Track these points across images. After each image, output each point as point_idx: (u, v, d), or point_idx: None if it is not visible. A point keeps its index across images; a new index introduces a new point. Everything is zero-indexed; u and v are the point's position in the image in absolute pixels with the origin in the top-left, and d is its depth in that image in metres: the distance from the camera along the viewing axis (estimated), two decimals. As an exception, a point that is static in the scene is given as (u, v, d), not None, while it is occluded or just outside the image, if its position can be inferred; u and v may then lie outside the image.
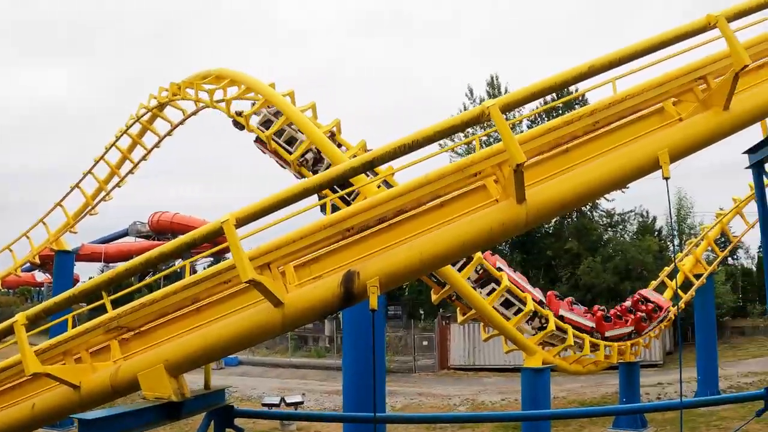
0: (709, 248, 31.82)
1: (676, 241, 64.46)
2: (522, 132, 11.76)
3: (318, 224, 8.68)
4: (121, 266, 9.21)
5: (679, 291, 28.43)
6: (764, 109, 10.06)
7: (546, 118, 41.70)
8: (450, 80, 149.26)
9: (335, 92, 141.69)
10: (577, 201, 9.11)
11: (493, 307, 17.76)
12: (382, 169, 12.74)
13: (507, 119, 8.05)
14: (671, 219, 55.56)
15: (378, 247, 8.87)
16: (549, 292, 23.15)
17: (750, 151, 12.47)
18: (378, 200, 8.62)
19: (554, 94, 42.09)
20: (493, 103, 7.91)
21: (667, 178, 8.91)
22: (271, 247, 8.62)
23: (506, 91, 59.59)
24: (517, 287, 19.18)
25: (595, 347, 23.77)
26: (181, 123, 24.48)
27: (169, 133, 25.59)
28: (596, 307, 25.98)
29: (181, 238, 8.78)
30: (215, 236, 8.36)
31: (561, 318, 21.78)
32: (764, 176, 12.51)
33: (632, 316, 26.27)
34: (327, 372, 48.83)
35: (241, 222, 8.23)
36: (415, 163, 8.76)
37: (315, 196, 9.55)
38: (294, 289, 8.81)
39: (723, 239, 36.35)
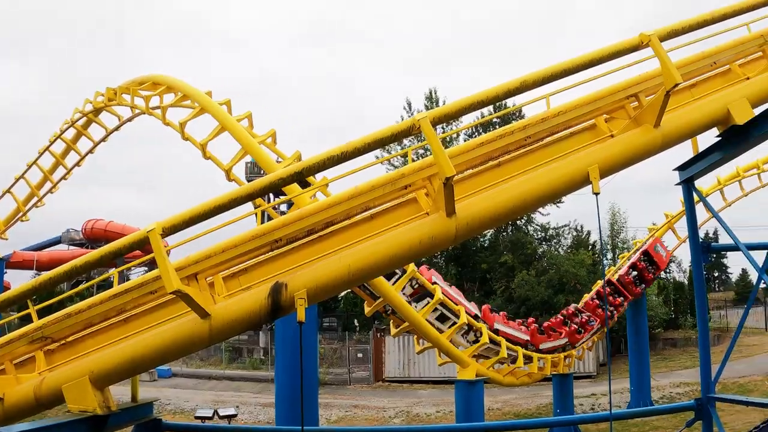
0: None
1: (609, 255, 65.52)
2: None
3: (246, 235, 8.52)
4: (45, 275, 8.90)
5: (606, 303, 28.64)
6: (694, 127, 10.23)
7: (483, 132, 42.03)
8: (396, 91, 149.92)
9: (277, 101, 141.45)
10: (508, 215, 9.11)
11: (427, 320, 17.70)
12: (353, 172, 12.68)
13: (445, 132, 7.96)
14: (601, 234, 56.42)
15: (307, 258, 8.74)
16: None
17: (680, 168, 12.65)
18: (306, 212, 8.49)
19: (491, 108, 42.64)
20: (424, 116, 7.86)
21: (597, 194, 8.96)
22: (198, 257, 8.42)
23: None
24: (451, 300, 19.17)
25: (528, 359, 23.89)
26: (116, 129, 23.89)
27: (104, 139, 24.96)
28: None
29: (106, 247, 8.53)
30: (141, 245, 8.11)
31: (496, 331, 21.84)
32: (694, 193, 12.66)
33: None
34: (262, 384, 48.30)
35: (168, 231, 8.00)
36: (348, 174, 8.68)
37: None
38: (222, 301, 8.58)
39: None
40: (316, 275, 8.42)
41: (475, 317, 20.65)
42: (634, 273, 28.31)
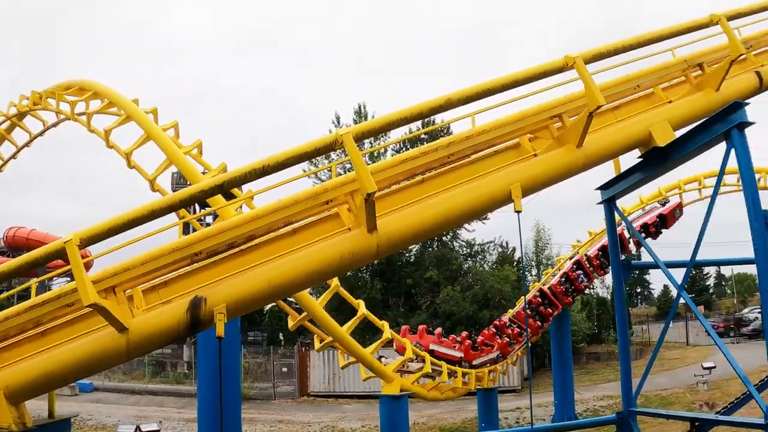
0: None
1: (534, 272, 66.10)
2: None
3: (166, 248, 8.34)
4: (-43, 285, 8.56)
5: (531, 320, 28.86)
6: (616, 148, 10.38)
7: (411, 147, 42.10)
8: (333, 103, 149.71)
9: (212, 111, 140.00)
10: (430, 231, 9.10)
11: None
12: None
13: (373, 146, 7.88)
14: (522, 251, 57.09)
15: (228, 272, 8.59)
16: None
17: (602, 188, 12.81)
18: (227, 225, 8.36)
19: (420, 123, 42.78)
20: (346, 131, 7.82)
21: (518, 212, 9.02)
22: (117, 269, 8.20)
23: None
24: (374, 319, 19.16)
25: (453, 374, 23.83)
26: (41, 134, 23.21)
27: (27, 144, 24.21)
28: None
29: (23, 257, 8.25)
30: (58, 256, 7.85)
31: (431, 352, 21.81)
32: (615, 212, 12.82)
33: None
34: (186, 399, 46.89)
35: (86, 242, 7.80)
36: (275, 186, 8.56)
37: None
38: (141, 314, 8.38)
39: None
40: (236, 290, 8.30)
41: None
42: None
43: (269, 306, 44.08)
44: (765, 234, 9.98)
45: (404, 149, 46.35)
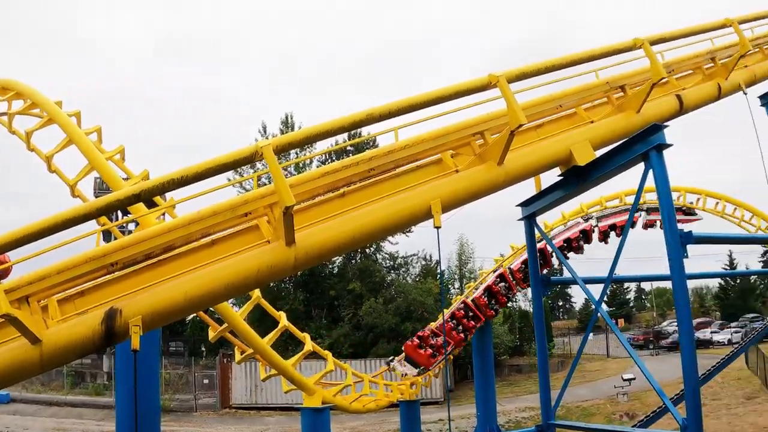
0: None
1: (457, 285, 66.67)
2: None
3: (81, 257, 8.11)
4: None
5: (454, 333, 28.96)
6: (537, 166, 10.52)
7: (337, 159, 42.05)
8: (264, 112, 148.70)
9: (139, 115, 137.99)
10: (349, 245, 9.07)
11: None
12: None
13: (299, 157, 7.75)
14: (440, 267, 57.37)
15: (145, 283, 8.43)
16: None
17: (523, 204, 12.92)
18: (144, 236, 8.20)
19: (346, 136, 42.75)
20: (266, 143, 7.73)
21: (438, 227, 9.01)
22: (30, 278, 7.93)
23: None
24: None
25: (374, 386, 23.82)
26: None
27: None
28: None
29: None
30: (-31, 263, 7.56)
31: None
32: (535, 228, 12.92)
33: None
34: (105, 410, 45.54)
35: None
36: (198, 195, 8.36)
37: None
38: (55, 325, 8.14)
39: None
40: (151, 302, 8.13)
41: None
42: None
43: (191, 316, 43.39)
44: (680, 251, 10.24)
45: (330, 161, 46.39)
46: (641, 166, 11.16)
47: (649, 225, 29.70)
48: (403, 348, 26.29)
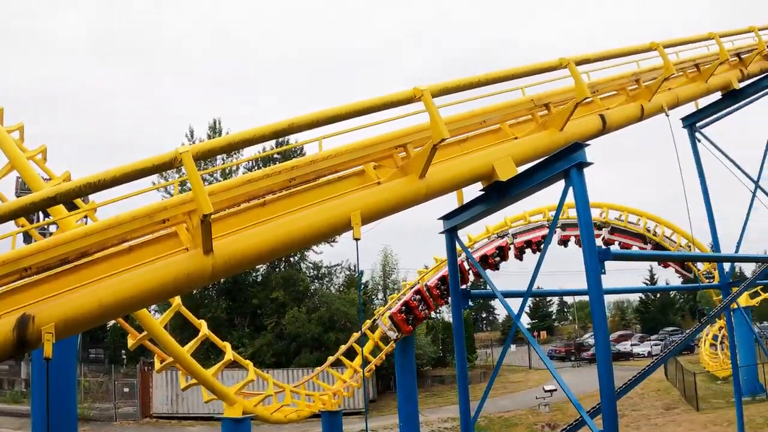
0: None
1: (380, 295, 66.75)
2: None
3: (-9, 261, 7.77)
4: None
5: (379, 342, 29.06)
6: (459, 180, 10.64)
7: (264, 166, 41.78)
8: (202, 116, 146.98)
9: (73, 114, 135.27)
10: (268, 255, 9.04)
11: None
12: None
13: (225, 163, 7.62)
14: (359, 278, 57.47)
15: (59, 289, 8.18)
16: None
17: (444, 218, 12.98)
18: (59, 240, 8.05)
19: (274, 144, 42.56)
20: (186, 150, 7.64)
21: (357, 239, 9.04)
22: (-61, 282, 7.67)
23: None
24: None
25: (296, 396, 23.70)
26: None
27: None
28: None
29: None
30: None
31: None
32: (456, 242, 12.98)
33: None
34: (24, 419, 43.76)
35: None
36: (120, 199, 8.23)
37: None
38: (-35, 332, 7.80)
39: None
40: (66, 308, 7.94)
41: None
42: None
43: (112, 322, 42.48)
44: (598, 267, 10.35)
45: (257, 168, 46.02)
46: (563, 182, 11.27)
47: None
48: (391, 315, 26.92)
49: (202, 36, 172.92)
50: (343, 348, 28.83)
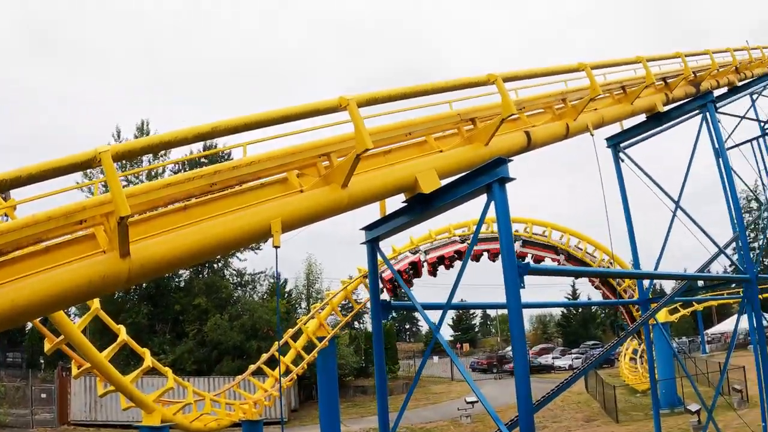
0: (333, 313, 32.96)
1: (304, 304, 66.56)
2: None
3: None
4: None
5: (301, 351, 29.03)
6: (382, 191, 10.73)
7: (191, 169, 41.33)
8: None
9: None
10: (188, 260, 9.02)
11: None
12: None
13: (151, 164, 7.51)
14: (277, 285, 56.96)
15: (-31, 290, 7.91)
16: None
17: (366, 228, 12.99)
18: (-35, 241, 7.67)
19: (201, 147, 42.14)
20: (105, 149, 7.57)
21: (276, 247, 9.01)
22: None
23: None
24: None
25: (216, 405, 23.48)
26: None
27: None
28: None
29: None
30: None
31: None
32: (377, 253, 13.01)
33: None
34: None
35: None
36: (42, 197, 8.09)
37: None
38: None
39: (349, 304, 38.17)
40: (-27, 310, 7.62)
41: None
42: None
43: (30, 325, 41.40)
44: (517, 282, 10.46)
45: (183, 171, 45.50)
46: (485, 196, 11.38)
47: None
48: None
49: (136, 36, 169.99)
50: (264, 356, 28.70)
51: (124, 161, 8.30)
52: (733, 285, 30.59)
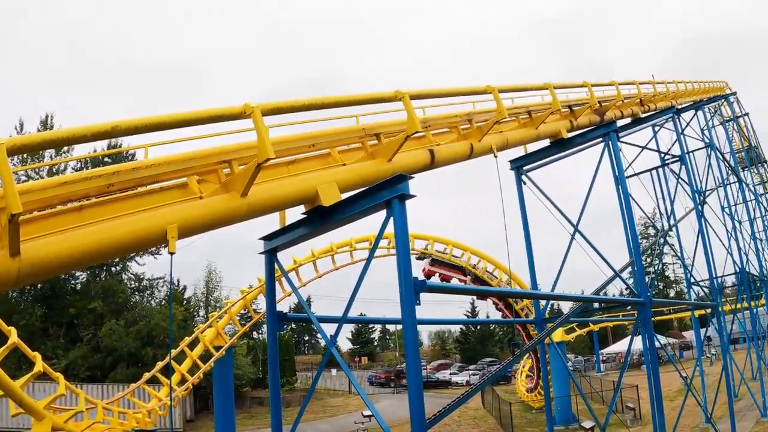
0: (231, 322, 32.76)
1: (202, 312, 65.81)
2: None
3: None
4: None
5: (198, 361, 28.75)
6: (281, 201, 10.85)
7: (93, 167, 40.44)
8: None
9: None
10: (81, 261, 8.91)
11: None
12: None
13: (53, 159, 7.36)
14: (171, 292, 56.09)
15: None
16: None
17: (265, 238, 12.98)
18: None
19: (105, 145, 41.28)
20: (0, 142, 7.18)
21: (172, 254, 8.96)
22: None
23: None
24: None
25: (109, 413, 23.04)
26: None
27: None
28: None
29: None
30: None
31: None
32: (275, 263, 13.01)
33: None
34: None
35: None
36: None
37: None
38: None
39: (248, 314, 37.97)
40: None
41: None
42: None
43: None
44: (413, 298, 10.56)
45: (86, 168, 44.51)
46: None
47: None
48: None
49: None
50: (160, 365, 28.31)
51: (24, 155, 8.15)
52: (629, 307, 31.61)
